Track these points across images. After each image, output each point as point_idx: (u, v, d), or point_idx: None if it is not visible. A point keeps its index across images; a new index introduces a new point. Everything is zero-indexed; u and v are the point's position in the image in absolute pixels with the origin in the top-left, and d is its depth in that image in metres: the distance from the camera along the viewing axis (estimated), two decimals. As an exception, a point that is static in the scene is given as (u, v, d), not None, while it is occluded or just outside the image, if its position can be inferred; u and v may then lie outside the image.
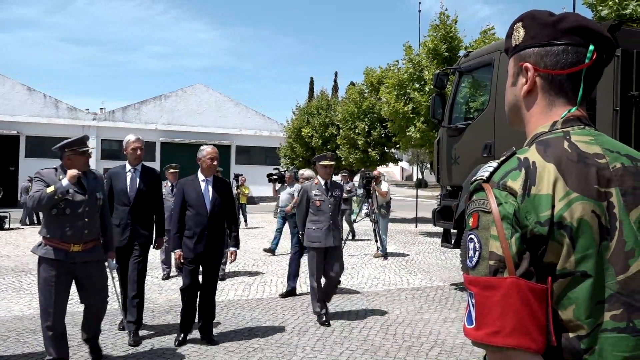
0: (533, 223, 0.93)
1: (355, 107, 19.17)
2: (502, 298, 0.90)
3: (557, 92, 1.07)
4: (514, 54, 1.14)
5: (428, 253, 10.61)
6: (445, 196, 7.45)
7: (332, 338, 4.97)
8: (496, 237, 0.93)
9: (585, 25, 1.05)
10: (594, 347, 0.92)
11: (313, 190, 5.70)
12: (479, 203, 0.98)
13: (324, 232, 5.56)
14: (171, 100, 30.69)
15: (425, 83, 14.31)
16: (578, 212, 0.93)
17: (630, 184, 0.98)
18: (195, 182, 4.76)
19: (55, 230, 3.80)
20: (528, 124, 1.13)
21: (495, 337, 0.90)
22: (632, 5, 9.45)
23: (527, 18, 1.11)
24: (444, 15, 14.84)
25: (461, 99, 7.46)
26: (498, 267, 0.92)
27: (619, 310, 0.93)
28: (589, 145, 1.01)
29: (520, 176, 0.96)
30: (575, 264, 0.92)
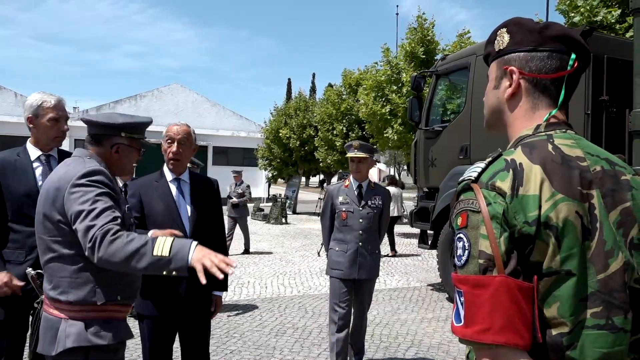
0: (521, 223, 0.95)
1: (333, 109, 19.22)
2: (492, 296, 0.92)
3: (541, 96, 1.11)
4: (496, 59, 1.16)
5: (405, 254, 10.70)
6: (422, 198, 7.53)
7: (309, 339, 4.97)
8: (485, 236, 0.95)
9: (569, 35, 1.10)
10: (575, 343, 0.95)
11: (340, 195, 4.01)
12: (467, 203, 1.00)
13: (350, 257, 3.88)
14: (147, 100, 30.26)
15: (403, 85, 14.43)
16: (563, 212, 0.96)
17: (609, 187, 1.03)
18: (161, 184, 2.78)
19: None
20: (511, 127, 1.15)
21: (484, 334, 0.92)
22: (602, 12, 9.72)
23: (512, 24, 1.14)
24: (421, 19, 15.00)
25: (438, 101, 7.55)
26: (487, 266, 0.94)
27: (599, 307, 0.96)
28: (571, 148, 1.05)
29: (509, 177, 0.98)
30: (560, 263, 0.95)
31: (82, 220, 1.76)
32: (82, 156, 2.02)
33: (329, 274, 4.02)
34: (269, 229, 15.04)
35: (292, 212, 20.61)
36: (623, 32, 9.41)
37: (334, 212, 4.03)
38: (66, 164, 1.99)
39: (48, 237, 1.88)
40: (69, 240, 1.85)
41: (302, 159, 21.54)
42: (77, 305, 1.86)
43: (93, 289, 1.88)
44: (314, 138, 20.30)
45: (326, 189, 4.24)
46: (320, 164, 20.05)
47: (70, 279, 1.87)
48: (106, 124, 2.06)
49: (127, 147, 2.10)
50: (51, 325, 1.88)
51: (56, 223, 1.86)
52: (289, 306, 6.25)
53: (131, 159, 2.14)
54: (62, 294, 1.87)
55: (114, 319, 1.94)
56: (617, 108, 4.76)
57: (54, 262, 1.89)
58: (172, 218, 2.69)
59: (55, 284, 1.89)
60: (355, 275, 3.88)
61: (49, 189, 1.90)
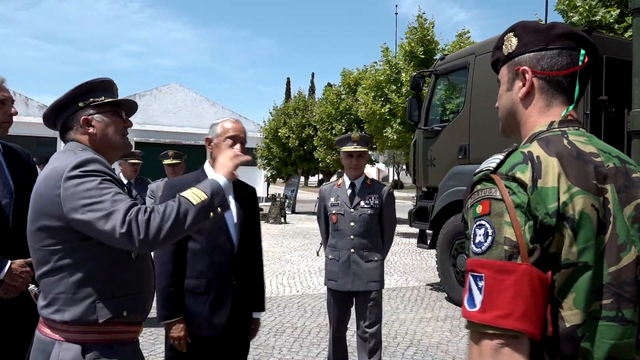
0: (543, 214, 0.96)
1: (332, 108, 19.22)
2: (515, 283, 0.92)
3: (555, 93, 1.13)
4: (506, 62, 1.19)
5: (404, 254, 10.70)
6: (421, 197, 7.53)
7: (308, 339, 4.97)
8: (510, 223, 0.95)
9: (575, 32, 1.13)
10: (587, 335, 0.97)
11: (332, 196, 3.59)
12: (488, 192, 1.00)
13: (342, 266, 3.46)
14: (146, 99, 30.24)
15: (402, 85, 14.44)
16: (579, 205, 0.97)
17: (622, 183, 1.05)
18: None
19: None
20: (524, 125, 1.17)
21: (505, 319, 0.91)
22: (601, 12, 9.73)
23: (519, 28, 1.18)
24: (421, 18, 15.00)
25: (437, 101, 7.55)
26: (512, 253, 0.94)
27: (609, 300, 0.98)
28: (585, 144, 1.07)
29: (528, 169, 0.99)
30: (577, 255, 0.97)
31: (96, 211, 1.48)
32: (73, 149, 1.69)
33: (326, 284, 3.63)
34: (267, 228, 15.04)
35: (291, 211, 20.61)
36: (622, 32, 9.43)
37: (327, 214, 3.62)
38: (53, 160, 1.68)
39: (43, 246, 1.59)
40: (68, 247, 1.57)
41: (301, 159, 21.54)
42: (74, 325, 1.56)
43: (93, 305, 1.57)
44: (313, 138, 20.30)
45: (319, 190, 3.80)
46: (320, 163, 20.05)
47: (67, 295, 1.56)
48: (56, 103, 1.73)
49: (99, 116, 1.73)
50: (43, 347, 1.59)
51: (51, 229, 1.57)
52: (287, 306, 6.25)
53: (117, 128, 1.78)
54: (57, 313, 1.57)
55: (119, 342, 1.62)
56: (616, 108, 4.77)
57: (50, 276, 1.59)
58: (218, 224, 2.40)
59: (50, 301, 1.59)
60: (351, 287, 3.43)
61: (37, 191, 1.62)
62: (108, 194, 1.52)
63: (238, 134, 2.44)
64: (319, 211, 3.73)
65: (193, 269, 2.39)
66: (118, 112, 1.79)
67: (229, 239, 2.42)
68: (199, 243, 2.39)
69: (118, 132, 1.78)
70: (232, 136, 2.42)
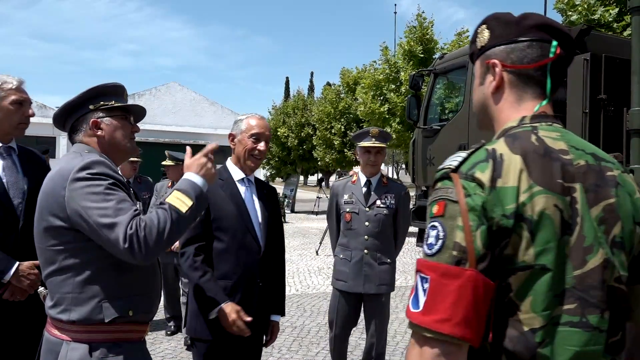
0: (499, 215, 0.93)
1: (331, 108, 19.23)
2: (459, 288, 0.90)
3: (525, 86, 1.09)
4: (479, 56, 1.16)
5: (403, 253, 10.71)
6: (420, 196, 7.54)
7: (308, 338, 4.97)
8: (462, 227, 0.92)
9: (547, 23, 1.08)
10: (547, 340, 0.93)
11: (346, 193, 3.43)
12: (446, 191, 0.97)
13: (354, 267, 3.31)
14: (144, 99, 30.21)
15: (401, 84, 14.46)
16: (539, 205, 0.93)
17: (592, 182, 1.00)
18: (227, 182, 2.39)
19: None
20: (497, 120, 1.13)
21: (443, 324, 0.89)
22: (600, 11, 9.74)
23: (491, 20, 1.13)
24: (420, 17, 15.00)
25: (436, 100, 7.56)
26: (461, 259, 0.92)
27: (573, 304, 0.94)
28: (555, 141, 1.02)
29: (488, 168, 0.96)
30: (534, 257, 0.93)
31: (99, 217, 1.50)
32: (80, 151, 1.71)
33: (334, 285, 3.45)
34: (267, 227, 15.02)
35: (291, 210, 20.62)
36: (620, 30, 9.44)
37: (339, 212, 3.46)
38: (60, 162, 1.71)
39: (49, 247, 1.61)
40: (74, 248, 1.58)
41: (300, 158, 21.55)
42: (81, 324, 1.58)
43: (99, 304, 1.58)
44: (312, 137, 20.31)
45: (332, 186, 3.64)
46: (319, 162, 20.06)
47: (73, 295, 1.58)
48: (67, 104, 1.76)
49: (108, 119, 1.77)
50: (52, 348, 1.62)
51: (57, 229, 1.58)
52: (287, 305, 6.21)
53: (125, 132, 1.80)
54: (64, 313, 1.59)
55: (126, 341, 1.63)
56: (615, 107, 4.77)
57: (56, 276, 1.61)
58: (244, 222, 2.33)
59: (57, 301, 1.61)
60: (361, 289, 3.29)
61: (43, 191, 1.64)
62: (112, 201, 1.54)
63: (263, 132, 2.37)
64: (330, 207, 3.56)
65: (218, 270, 2.27)
66: (127, 117, 1.83)
67: (255, 239, 2.34)
68: (224, 243, 2.29)
69: (126, 136, 1.81)
70: (256, 133, 2.36)
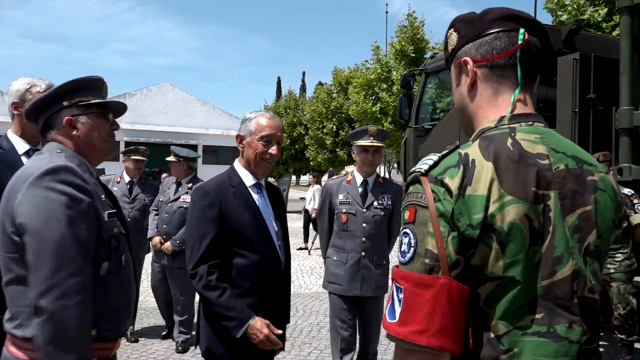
0: (465, 225, 0.90)
1: (323, 107, 19.22)
2: (433, 297, 0.88)
3: (501, 78, 1.06)
4: (452, 59, 1.14)
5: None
6: (412, 196, 7.54)
7: (300, 338, 4.97)
8: (432, 234, 0.90)
9: (511, 13, 1.06)
10: (514, 349, 0.91)
11: (341, 193, 3.31)
12: (416, 196, 0.95)
13: (350, 269, 3.20)
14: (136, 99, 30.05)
15: (393, 83, 14.48)
16: (510, 215, 0.90)
17: (570, 187, 0.97)
18: (240, 189, 2.15)
19: None
20: (475, 118, 1.10)
21: (420, 336, 0.88)
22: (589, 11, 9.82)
23: (456, 22, 1.13)
24: (411, 17, 15.04)
25: (427, 99, 7.57)
26: (433, 266, 0.90)
27: (541, 314, 0.92)
28: (534, 144, 0.98)
29: (458, 174, 0.93)
30: (503, 269, 0.91)
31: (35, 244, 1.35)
32: (51, 150, 1.55)
33: (326, 288, 3.33)
34: (259, 227, 14.98)
35: (283, 210, 20.56)
36: (609, 30, 9.51)
37: (333, 212, 3.32)
38: (30, 161, 1.58)
39: (5, 253, 1.43)
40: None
41: (292, 158, 21.52)
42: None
43: None
44: (304, 137, 20.29)
45: (324, 184, 3.46)
46: (311, 162, 20.03)
47: (30, 309, 1.37)
48: (39, 100, 1.60)
49: (84, 117, 1.61)
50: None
51: (9, 235, 1.41)
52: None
53: (102, 131, 1.65)
54: (19, 328, 1.40)
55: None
56: (604, 106, 4.81)
57: (13, 285, 1.43)
58: (263, 234, 2.11)
59: (14, 314, 1.43)
60: (358, 292, 3.19)
61: (6, 191, 1.47)
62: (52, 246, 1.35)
63: (275, 132, 2.13)
64: (323, 207, 3.39)
65: (238, 287, 2.06)
66: (105, 114, 1.67)
67: (274, 251, 2.15)
68: (244, 258, 2.06)
69: (103, 136, 1.66)
70: (267, 135, 2.11)
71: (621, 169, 4.25)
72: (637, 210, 4.18)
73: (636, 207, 4.19)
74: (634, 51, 4.23)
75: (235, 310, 1.99)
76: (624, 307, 4.18)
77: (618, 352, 4.40)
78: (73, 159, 1.55)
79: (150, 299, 6.02)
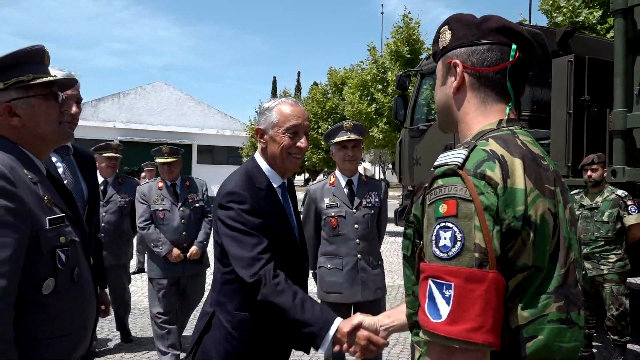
0: (511, 217, 0.91)
1: (318, 107, 19.25)
2: (485, 292, 0.86)
3: (487, 89, 1.09)
4: (441, 56, 1.15)
5: (390, 252, 10.74)
6: (407, 196, 7.57)
7: (295, 338, 4.95)
8: (479, 228, 0.89)
9: (508, 26, 1.08)
10: (538, 337, 0.93)
11: (326, 196, 3.14)
12: (453, 189, 0.92)
13: (348, 274, 3.06)
14: (130, 98, 29.94)
15: (388, 84, 14.51)
16: (540, 209, 0.94)
17: (560, 186, 1.04)
18: (269, 193, 1.88)
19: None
20: (462, 122, 1.12)
21: (475, 333, 0.85)
22: (584, 13, 9.87)
23: (453, 21, 1.14)
24: (407, 18, 15.08)
25: (423, 100, 7.59)
26: (482, 260, 0.88)
27: (562, 302, 0.96)
28: (533, 146, 1.04)
29: (497, 167, 0.93)
30: (533, 259, 0.94)
31: None
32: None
33: (323, 299, 3.13)
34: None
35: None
36: (604, 32, 9.57)
37: (319, 219, 3.14)
38: None
39: None
40: None
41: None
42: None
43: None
44: (300, 137, 20.31)
45: (307, 190, 3.27)
46: (306, 162, 20.05)
47: None
48: None
49: (25, 101, 1.32)
50: None
51: None
52: None
53: (50, 115, 1.37)
54: None
55: None
56: (598, 108, 4.83)
57: None
58: (292, 242, 1.90)
59: None
60: (359, 297, 3.02)
61: None
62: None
63: (301, 122, 1.85)
64: (307, 215, 3.20)
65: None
66: (51, 93, 1.37)
67: (300, 258, 1.96)
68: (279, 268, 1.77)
69: (51, 122, 1.37)
70: (294, 126, 1.83)
71: (615, 170, 4.27)
72: (631, 211, 4.20)
73: (629, 209, 4.20)
74: (628, 53, 4.25)
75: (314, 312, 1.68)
76: (617, 308, 4.20)
77: (611, 353, 4.42)
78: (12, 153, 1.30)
79: (144, 299, 6.00)
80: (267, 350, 1.86)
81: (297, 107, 1.89)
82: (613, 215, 4.20)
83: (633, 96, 4.26)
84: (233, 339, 1.81)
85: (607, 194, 4.29)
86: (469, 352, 0.87)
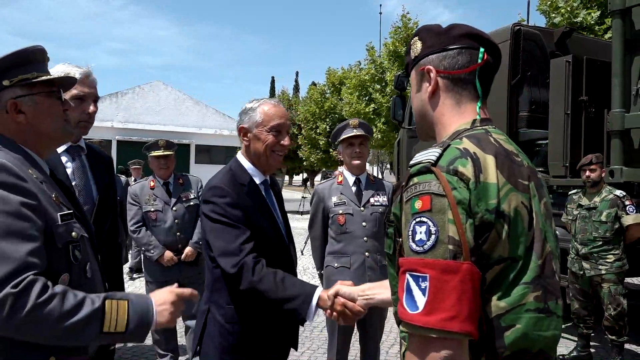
0: (483, 210, 0.96)
1: (316, 107, 19.24)
2: (460, 283, 0.90)
3: (461, 90, 1.15)
4: (414, 66, 1.22)
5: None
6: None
7: (293, 338, 4.95)
8: (453, 221, 0.93)
9: (474, 32, 1.16)
10: (516, 325, 0.97)
11: (334, 195, 3.15)
12: (428, 185, 0.97)
13: (356, 273, 2.99)
14: (128, 98, 29.90)
15: (387, 84, 14.52)
16: (513, 202, 0.99)
17: (535, 181, 1.09)
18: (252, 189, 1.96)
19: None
20: (438, 123, 1.18)
21: (451, 322, 0.89)
22: (582, 14, 9.89)
23: (422, 31, 1.21)
24: (405, 18, 15.08)
25: (421, 100, 7.59)
26: (456, 252, 0.92)
27: (539, 291, 1.00)
28: (507, 143, 1.10)
29: (469, 164, 0.98)
30: (509, 251, 0.98)
31: None
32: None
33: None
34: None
35: (276, 210, 20.56)
36: (602, 33, 9.59)
37: (327, 218, 3.13)
38: None
39: None
40: None
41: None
42: None
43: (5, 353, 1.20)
44: (298, 137, 20.28)
45: (315, 189, 3.27)
46: (304, 162, 20.05)
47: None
48: None
49: (30, 98, 1.34)
50: None
51: None
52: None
53: (54, 114, 1.39)
54: None
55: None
56: (596, 108, 4.84)
57: None
58: (278, 237, 1.97)
59: None
60: None
61: None
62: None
63: (284, 121, 1.96)
64: (315, 213, 3.19)
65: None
66: (54, 91, 1.40)
67: (288, 254, 2.01)
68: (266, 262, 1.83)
69: (55, 119, 1.39)
70: (277, 125, 1.93)
71: (612, 170, 4.28)
72: (629, 211, 4.21)
73: (628, 209, 4.21)
74: (626, 54, 4.26)
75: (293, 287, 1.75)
76: (615, 308, 4.20)
77: (609, 353, 4.43)
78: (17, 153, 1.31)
79: (141, 299, 5.99)
80: (263, 345, 1.90)
81: (280, 107, 2.00)
82: (611, 215, 4.21)
83: (631, 97, 4.27)
84: (228, 333, 1.85)
85: (605, 194, 4.30)
86: (446, 341, 0.90)
